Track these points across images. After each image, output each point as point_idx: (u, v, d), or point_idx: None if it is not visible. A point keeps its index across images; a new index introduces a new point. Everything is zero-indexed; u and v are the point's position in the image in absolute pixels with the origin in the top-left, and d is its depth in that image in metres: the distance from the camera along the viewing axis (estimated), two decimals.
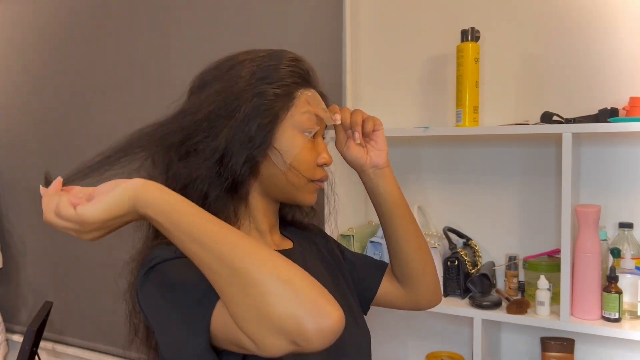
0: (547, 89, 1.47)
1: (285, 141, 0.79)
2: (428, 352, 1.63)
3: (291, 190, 0.81)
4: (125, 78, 2.25)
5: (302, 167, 0.80)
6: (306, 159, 0.80)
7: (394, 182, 0.91)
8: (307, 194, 0.83)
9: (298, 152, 0.79)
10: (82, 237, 0.63)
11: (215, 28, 2.01)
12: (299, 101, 0.79)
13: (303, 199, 0.83)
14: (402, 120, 1.67)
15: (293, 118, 0.79)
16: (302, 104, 0.80)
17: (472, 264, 1.48)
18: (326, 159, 0.83)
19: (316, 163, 0.82)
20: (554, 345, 1.40)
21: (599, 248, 1.27)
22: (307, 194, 0.83)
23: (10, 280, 2.71)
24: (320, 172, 0.84)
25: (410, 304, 0.97)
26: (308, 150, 0.81)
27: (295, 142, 0.79)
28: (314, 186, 0.83)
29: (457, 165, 1.61)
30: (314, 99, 0.81)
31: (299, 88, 0.80)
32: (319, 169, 0.83)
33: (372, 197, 0.92)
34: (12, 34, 2.64)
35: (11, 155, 2.68)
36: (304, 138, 0.80)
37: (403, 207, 0.91)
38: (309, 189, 0.83)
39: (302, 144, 0.79)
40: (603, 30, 1.40)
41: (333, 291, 0.86)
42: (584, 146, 1.42)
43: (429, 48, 1.63)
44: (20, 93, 2.62)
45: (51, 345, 2.52)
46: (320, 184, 0.84)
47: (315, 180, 0.83)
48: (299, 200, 0.83)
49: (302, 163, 0.80)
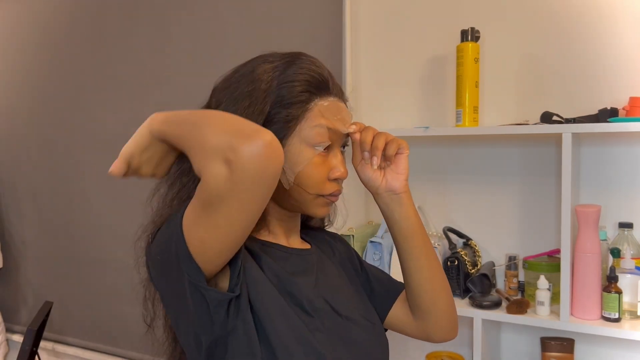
0: (547, 89, 1.47)
1: (292, 156, 0.75)
2: (428, 352, 1.63)
3: (299, 204, 0.79)
4: (125, 78, 2.25)
5: (308, 183, 0.77)
6: (313, 174, 0.76)
7: (411, 209, 0.84)
8: (316, 207, 0.79)
9: (303, 168, 0.76)
10: (141, 174, 0.76)
11: (215, 28, 2.01)
12: (311, 114, 0.76)
13: (313, 212, 0.80)
14: (402, 120, 1.67)
15: (302, 132, 0.75)
16: (314, 117, 0.76)
17: (472, 264, 1.48)
18: (340, 173, 0.79)
19: (327, 177, 0.78)
20: (554, 345, 1.40)
21: (599, 248, 1.27)
22: (316, 207, 0.79)
23: (10, 280, 2.72)
24: (331, 187, 0.79)
25: (421, 335, 0.91)
26: (316, 166, 0.77)
27: (301, 158, 0.76)
28: (324, 200, 0.79)
29: (457, 165, 1.61)
30: (329, 110, 0.77)
31: (313, 99, 0.76)
32: (330, 183, 0.79)
33: (388, 222, 0.86)
34: (12, 34, 2.64)
35: (11, 155, 2.68)
36: (312, 152, 0.76)
37: (419, 237, 0.85)
38: (318, 203, 0.79)
39: (309, 160, 0.76)
40: (603, 30, 1.40)
41: (353, 296, 0.86)
42: (584, 146, 1.42)
43: (429, 48, 1.63)
44: (20, 93, 2.62)
45: (51, 345, 2.52)
46: (332, 198, 0.80)
47: (325, 195, 0.79)
48: (309, 212, 0.80)
49: (308, 179, 0.76)
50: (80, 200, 2.44)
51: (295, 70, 0.76)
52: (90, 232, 2.41)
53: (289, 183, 0.76)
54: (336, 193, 0.80)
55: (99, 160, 2.34)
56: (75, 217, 2.46)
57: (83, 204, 2.43)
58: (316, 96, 0.76)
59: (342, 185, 0.82)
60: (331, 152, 0.79)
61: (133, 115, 2.21)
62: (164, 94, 2.12)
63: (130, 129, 0.76)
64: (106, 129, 2.31)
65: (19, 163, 2.65)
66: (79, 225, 2.45)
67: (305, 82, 0.76)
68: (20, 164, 2.64)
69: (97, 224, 2.39)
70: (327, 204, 0.80)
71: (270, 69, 0.76)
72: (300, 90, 0.75)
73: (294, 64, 0.77)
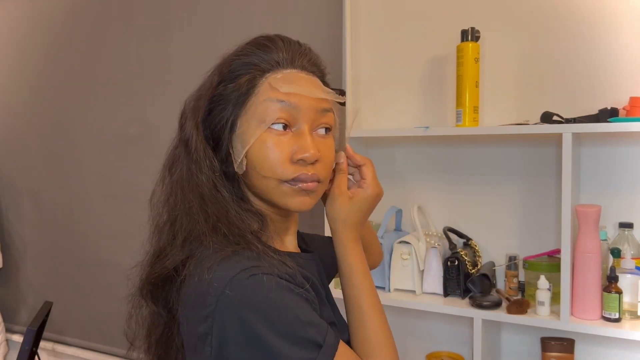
0: (547, 89, 1.47)
1: (241, 134, 0.70)
2: (428, 352, 1.63)
3: (265, 194, 0.72)
4: (125, 78, 2.25)
5: (263, 165, 0.69)
6: (269, 155, 0.68)
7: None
8: (285, 197, 0.70)
9: (256, 148, 0.69)
10: None
11: (215, 27, 2.01)
12: (261, 88, 0.69)
13: (283, 202, 0.71)
14: (402, 120, 1.67)
15: (251, 108, 0.69)
16: (265, 91, 0.69)
17: (472, 264, 1.48)
18: (303, 153, 0.68)
19: (290, 159, 0.69)
20: (554, 345, 1.40)
21: (599, 248, 1.27)
22: (285, 197, 0.70)
23: (10, 280, 2.72)
24: (292, 170, 0.69)
25: None
26: (274, 145, 0.68)
27: (248, 135, 0.69)
28: (290, 188, 0.70)
29: (457, 165, 1.61)
30: (283, 82, 0.69)
31: (264, 74, 0.70)
32: (292, 165, 0.69)
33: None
34: (12, 34, 2.64)
35: (11, 155, 2.68)
36: (261, 129, 0.68)
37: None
38: (284, 191, 0.70)
39: (256, 137, 0.68)
40: (603, 30, 1.40)
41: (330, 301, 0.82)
42: (584, 146, 1.42)
43: (429, 48, 1.63)
44: (21, 93, 2.62)
45: (51, 345, 2.52)
46: (300, 184, 0.69)
47: (287, 180, 0.69)
48: (283, 205, 0.72)
49: (263, 160, 0.69)
50: (80, 200, 2.44)
51: (246, 46, 0.73)
52: (90, 232, 2.41)
53: (239, 165, 0.71)
54: (302, 178, 0.69)
55: (99, 160, 2.34)
56: (75, 217, 2.46)
57: (83, 204, 2.43)
58: (269, 70, 0.70)
59: (319, 170, 0.71)
60: (298, 131, 0.70)
61: (133, 115, 2.21)
62: (164, 94, 2.12)
63: (130, 129, 0.76)
64: (106, 129, 2.30)
65: (19, 163, 2.65)
66: (79, 225, 2.45)
67: (252, 54, 0.71)
68: (20, 163, 2.64)
69: (97, 224, 2.39)
70: (297, 192, 0.70)
71: (231, 57, 0.73)
72: (245, 62, 0.71)
73: (249, 42, 0.74)
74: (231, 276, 0.63)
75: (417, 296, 1.50)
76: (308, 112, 0.70)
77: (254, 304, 0.62)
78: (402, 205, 1.66)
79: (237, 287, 0.62)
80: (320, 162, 0.71)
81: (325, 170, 0.73)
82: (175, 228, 0.72)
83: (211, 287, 0.63)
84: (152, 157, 2.12)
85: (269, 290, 0.62)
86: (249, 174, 0.71)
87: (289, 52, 0.72)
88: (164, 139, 0.78)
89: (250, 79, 0.70)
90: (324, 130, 0.73)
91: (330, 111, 0.74)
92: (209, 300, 0.63)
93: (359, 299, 0.75)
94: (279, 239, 0.78)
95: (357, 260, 0.77)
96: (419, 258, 1.50)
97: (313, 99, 0.71)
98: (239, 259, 0.65)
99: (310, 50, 0.76)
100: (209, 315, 0.63)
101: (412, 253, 1.50)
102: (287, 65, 0.71)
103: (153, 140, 2.14)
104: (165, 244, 0.73)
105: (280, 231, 0.78)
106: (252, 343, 0.62)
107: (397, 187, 1.68)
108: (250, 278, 0.63)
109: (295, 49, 0.73)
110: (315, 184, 0.71)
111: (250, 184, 0.73)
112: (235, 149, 0.71)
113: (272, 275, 0.64)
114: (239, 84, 0.70)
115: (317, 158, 0.70)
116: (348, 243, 0.77)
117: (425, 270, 1.51)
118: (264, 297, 0.62)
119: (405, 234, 1.57)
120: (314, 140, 0.71)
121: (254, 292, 0.62)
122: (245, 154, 0.70)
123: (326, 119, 0.73)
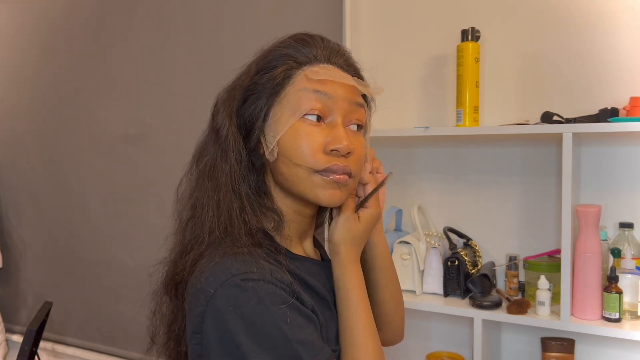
0: (547, 89, 1.47)
1: (274, 123, 0.70)
2: (428, 352, 1.63)
3: (295, 185, 0.71)
4: (125, 77, 2.25)
5: (295, 154, 0.69)
6: (302, 144, 0.69)
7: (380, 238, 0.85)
8: (316, 188, 0.70)
9: (289, 137, 0.69)
10: None
11: (215, 27, 2.01)
12: (297, 79, 0.71)
13: (314, 194, 0.70)
14: (402, 120, 1.67)
15: (286, 98, 0.70)
16: (300, 81, 0.70)
17: (472, 264, 1.48)
18: (337, 145, 0.69)
19: (323, 150, 0.69)
20: (554, 345, 1.40)
21: (599, 248, 1.26)
22: (316, 188, 0.70)
23: (10, 280, 2.71)
24: (325, 160, 0.69)
25: None
26: (307, 135, 0.69)
27: (281, 124, 0.70)
28: (322, 179, 0.69)
29: (457, 165, 1.61)
30: (318, 74, 0.70)
31: (301, 66, 0.71)
32: (325, 156, 0.69)
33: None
34: (12, 33, 2.64)
35: (11, 155, 2.68)
36: (294, 118, 0.69)
37: (389, 258, 0.86)
38: (315, 182, 0.69)
39: (289, 124, 0.69)
40: (603, 30, 1.40)
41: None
42: (584, 146, 1.42)
43: (429, 48, 1.63)
44: (21, 93, 2.62)
45: (51, 345, 2.52)
46: (332, 175, 0.69)
47: (319, 170, 0.69)
48: (314, 197, 0.71)
49: (296, 149, 0.69)
50: (80, 201, 2.43)
51: (286, 40, 0.75)
52: (90, 232, 2.41)
53: (270, 152, 0.71)
54: (334, 169, 0.69)
55: (99, 160, 2.34)
56: (75, 217, 2.46)
57: (83, 204, 2.43)
58: (305, 63, 0.72)
59: (351, 164, 0.71)
60: (331, 124, 0.71)
61: (133, 115, 2.21)
62: (164, 94, 2.12)
63: (130, 129, 0.76)
64: (106, 130, 2.30)
65: (19, 163, 2.65)
66: (79, 225, 2.45)
67: (290, 47, 0.73)
68: (20, 164, 2.64)
69: (97, 224, 2.39)
70: (329, 184, 0.70)
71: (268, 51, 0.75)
72: (282, 54, 0.73)
73: (289, 36, 0.75)
74: (223, 280, 0.63)
75: (417, 296, 1.50)
76: (342, 102, 0.72)
77: (241, 311, 0.62)
78: (402, 205, 1.66)
79: (226, 291, 0.63)
80: (353, 155, 0.72)
81: (356, 165, 0.73)
82: (194, 223, 0.73)
83: (204, 287, 0.64)
84: (152, 157, 2.13)
85: (258, 300, 0.62)
86: (279, 163, 0.71)
87: (327, 50, 0.73)
88: (164, 139, 0.78)
89: (287, 69, 0.71)
90: (355, 126, 0.74)
91: (363, 107, 0.75)
92: (201, 301, 0.64)
93: (353, 321, 0.74)
94: (295, 240, 0.78)
95: (355, 280, 0.76)
96: (419, 258, 1.49)
97: (348, 91, 0.72)
98: (234, 263, 0.65)
99: (348, 52, 0.77)
100: (199, 315, 0.64)
101: (412, 253, 1.50)
102: (323, 60, 0.73)
103: (153, 140, 2.13)
104: (188, 240, 0.74)
105: (297, 233, 0.78)
106: (228, 349, 0.62)
107: (397, 187, 1.68)
108: (242, 283, 0.63)
109: (334, 48, 0.75)
110: (347, 177, 0.71)
111: (280, 174, 0.72)
112: (267, 137, 0.71)
113: (265, 282, 0.64)
114: (274, 74, 0.72)
115: (350, 150, 0.71)
116: (349, 264, 0.76)
117: (426, 270, 1.51)
118: (251, 307, 0.62)
119: (406, 234, 1.57)
120: (347, 134, 0.72)
121: (242, 299, 0.62)
122: (277, 142, 0.70)
123: (358, 115, 0.74)
